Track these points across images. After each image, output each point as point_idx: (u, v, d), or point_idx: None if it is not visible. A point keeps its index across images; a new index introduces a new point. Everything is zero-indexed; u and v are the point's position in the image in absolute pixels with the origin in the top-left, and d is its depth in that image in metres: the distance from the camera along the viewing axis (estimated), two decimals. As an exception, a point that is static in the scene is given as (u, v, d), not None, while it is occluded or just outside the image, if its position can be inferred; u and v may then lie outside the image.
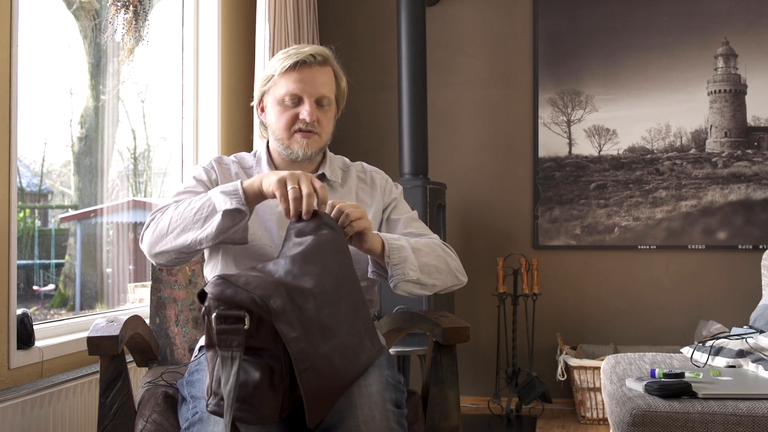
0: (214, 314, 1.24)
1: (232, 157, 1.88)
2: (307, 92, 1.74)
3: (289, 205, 1.49)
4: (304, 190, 1.48)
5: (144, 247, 1.65)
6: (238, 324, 1.24)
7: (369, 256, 1.68)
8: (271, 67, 1.78)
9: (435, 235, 1.84)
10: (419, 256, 1.68)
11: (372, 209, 1.84)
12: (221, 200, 1.53)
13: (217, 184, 1.79)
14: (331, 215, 1.55)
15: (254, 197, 1.56)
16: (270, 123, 1.80)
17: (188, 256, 1.63)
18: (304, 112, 1.73)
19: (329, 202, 1.57)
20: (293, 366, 1.26)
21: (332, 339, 1.32)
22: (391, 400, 1.48)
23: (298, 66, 1.73)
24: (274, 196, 1.53)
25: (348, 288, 1.44)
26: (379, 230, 1.84)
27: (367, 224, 1.58)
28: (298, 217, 1.49)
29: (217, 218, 1.52)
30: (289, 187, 1.49)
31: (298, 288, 1.30)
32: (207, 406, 1.29)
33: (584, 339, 3.83)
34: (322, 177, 1.84)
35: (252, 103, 1.87)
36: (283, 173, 1.52)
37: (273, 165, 1.83)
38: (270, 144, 1.85)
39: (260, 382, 1.27)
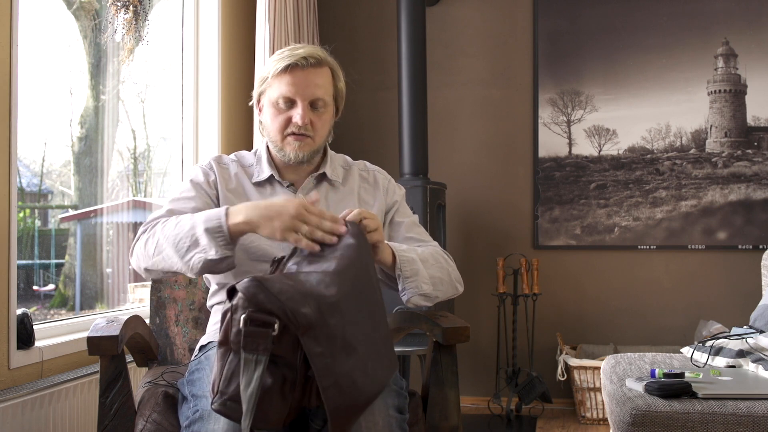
0: (243, 315, 1.23)
1: (232, 155, 1.86)
2: (300, 95, 1.71)
3: (312, 243, 1.44)
4: (315, 222, 1.45)
5: (132, 261, 1.65)
6: (267, 328, 1.22)
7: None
8: (266, 68, 1.77)
9: (435, 242, 1.83)
10: (426, 267, 1.66)
11: (374, 209, 1.83)
12: (206, 242, 1.48)
13: (215, 186, 1.77)
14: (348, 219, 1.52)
15: (241, 235, 1.52)
16: (266, 124, 1.79)
17: (176, 275, 1.64)
18: (297, 115, 1.71)
19: (351, 210, 1.54)
20: (317, 381, 1.25)
21: (353, 356, 1.31)
22: (394, 406, 1.48)
23: (290, 68, 1.71)
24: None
25: (369, 301, 1.42)
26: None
27: (380, 237, 1.56)
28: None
29: (200, 257, 1.49)
30: (301, 232, 1.44)
31: (326, 301, 1.28)
32: (212, 404, 1.27)
33: (584, 339, 3.83)
34: (323, 176, 1.82)
35: (251, 103, 1.86)
36: (279, 220, 1.46)
37: (273, 164, 1.81)
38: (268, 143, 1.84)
39: (271, 388, 1.26)
